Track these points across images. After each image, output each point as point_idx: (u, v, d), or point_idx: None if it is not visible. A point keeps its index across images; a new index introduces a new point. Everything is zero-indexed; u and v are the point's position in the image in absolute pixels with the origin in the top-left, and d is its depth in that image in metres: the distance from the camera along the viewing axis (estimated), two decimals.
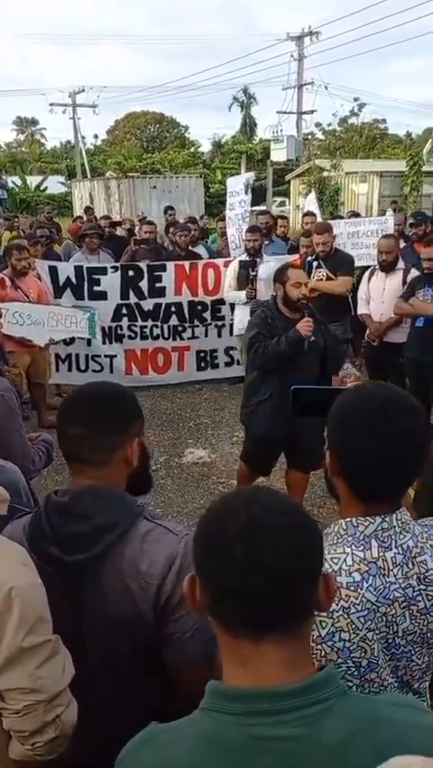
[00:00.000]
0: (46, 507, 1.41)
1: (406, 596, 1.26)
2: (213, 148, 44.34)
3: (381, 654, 1.26)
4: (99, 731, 0.92)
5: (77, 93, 33.49)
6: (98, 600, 1.36)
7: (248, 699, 0.85)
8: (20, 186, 30.02)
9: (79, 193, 21.35)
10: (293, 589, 0.88)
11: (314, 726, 0.84)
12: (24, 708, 1.19)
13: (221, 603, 0.89)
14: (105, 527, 1.36)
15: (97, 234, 7.83)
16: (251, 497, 0.92)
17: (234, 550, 0.87)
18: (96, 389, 1.54)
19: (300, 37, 27.27)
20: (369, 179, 17.86)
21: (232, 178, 8.86)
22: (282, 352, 3.74)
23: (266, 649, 0.87)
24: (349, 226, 7.58)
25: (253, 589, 0.86)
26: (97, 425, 1.42)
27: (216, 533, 0.90)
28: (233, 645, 0.89)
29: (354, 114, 31.33)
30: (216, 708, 0.87)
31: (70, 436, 1.42)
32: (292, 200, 20.69)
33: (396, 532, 1.27)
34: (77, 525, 1.36)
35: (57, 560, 1.34)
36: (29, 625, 1.20)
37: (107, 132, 56.67)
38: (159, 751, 0.88)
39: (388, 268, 5.68)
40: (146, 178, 19.54)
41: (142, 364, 7.24)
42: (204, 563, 0.91)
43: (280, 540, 0.87)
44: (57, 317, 6.22)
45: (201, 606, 0.93)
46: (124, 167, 31.10)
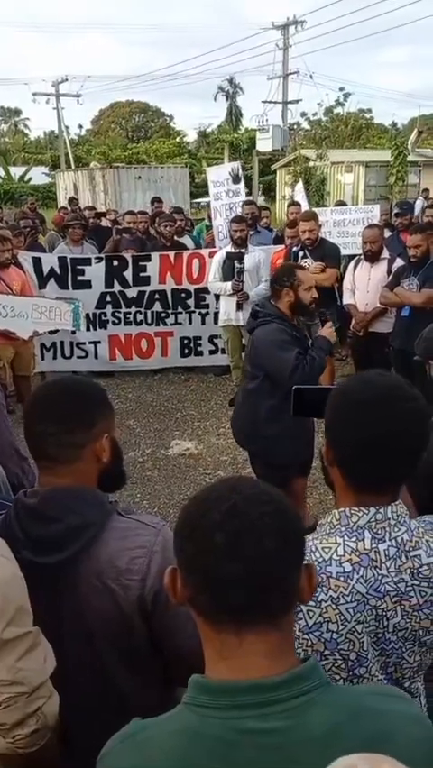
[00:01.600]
0: (16, 509, 1.38)
1: (398, 590, 1.24)
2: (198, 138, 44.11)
3: (370, 649, 1.25)
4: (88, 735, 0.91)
5: (60, 82, 33.15)
6: (78, 603, 1.34)
7: (231, 692, 0.85)
8: (3, 177, 29.70)
9: (64, 183, 21.12)
10: (275, 578, 0.87)
11: (298, 719, 0.83)
12: (5, 700, 1.18)
13: (203, 594, 0.88)
14: (78, 528, 1.33)
15: (81, 225, 7.78)
16: (233, 486, 0.91)
17: (215, 539, 0.86)
18: (62, 385, 1.50)
19: (285, 26, 27.16)
20: (355, 169, 17.83)
21: (213, 167, 8.80)
22: (323, 364, 3.46)
23: (248, 641, 0.86)
24: (335, 215, 7.59)
25: (234, 579, 0.85)
26: (64, 421, 1.38)
27: (197, 522, 0.89)
28: (215, 638, 0.88)
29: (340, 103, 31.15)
30: (198, 703, 0.86)
31: (37, 433, 1.38)
32: (278, 190, 20.62)
33: (390, 524, 1.25)
34: (49, 527, 1.33)
35: (30, 563, 1.31)
36: (9, 616, 1.19)
37: (92, 122, 56.23)
38: (141, 746, 0.88)
39: (373, 258, 5.70)
40: (131, 169, 19.38)
41: (126, 349, 7.31)
42: (185, 554, 0.90)
43: (261, 529, 0.86)
44: (41, 309, 6.15)
45: (182, 597, 0.92)
46: (108, 157, 30.82)
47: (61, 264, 6.96)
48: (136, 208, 10.70)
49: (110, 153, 32.69)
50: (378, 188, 17.70)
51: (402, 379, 1.35)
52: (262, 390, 3.56)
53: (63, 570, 1.33)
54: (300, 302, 3.49)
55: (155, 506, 4.67)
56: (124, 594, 1.33)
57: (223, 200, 7.30)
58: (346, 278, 5.94)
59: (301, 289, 3.48)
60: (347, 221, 7.39)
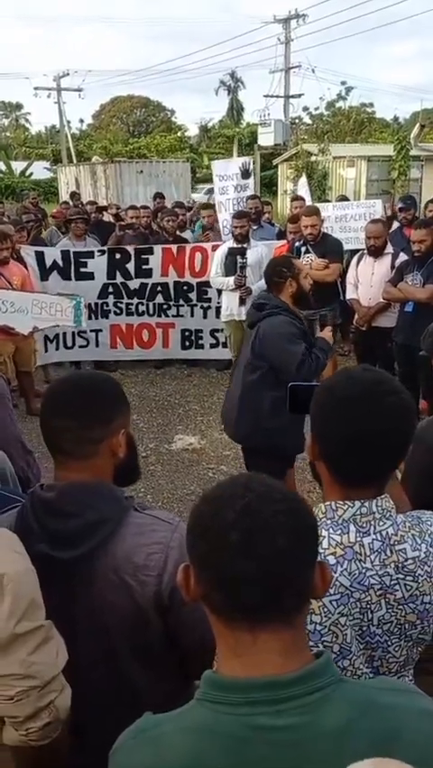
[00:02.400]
0: (32, 502, 1.38)
1: (383, 584, 1.24)
2: (200, 132, 44.00)
3: (354, 642, 1.25)
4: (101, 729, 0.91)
5: (61, 77, 33.04)
6: (93, 598, 1.34)
7: (245, 689, 0.85)
8: (4, 171, 29.66)
9: (65, 178, 21.11)
10: (289, 576, 0.87)
11: (312, 715, 0.83)
12: (18, 693, 1.18)
13: (217, 592, 0.88)
14: (95, 524, 1.33)
15: (83, 220, 7.76)
16: (245, 484, 0.91)
17: (230, 537, 0.86)
18: (79, 380, 1.50)
19: (287, 19, 27.02)
20: (357, 164, 17.78)
21: (220, 161, 8.76)
22: (325, 365, 3.46)
23: (262, 638, 0.86)
24: (337, 210, 7.57)
25: (249, 577, 0.85)
26: (83, 416, 1.38)
27: (210, 520, 0.89)
28: (228, 635, 0.89)
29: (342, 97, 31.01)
30: (212, 699, 0.86)
31: (55, 428, 1.38)
32: (280, 185, 20.57)
33: (375, 518, 1.26)
34: (66, 522, 1.33)
35: (47, 557, 1.31)
36: (21, 611, 1.19)
37: (93, 116, 56.09)
38: (153, 742, 0.88)
39: (376, 253, 5.69)
40: (133, 163, 19.34)
41: (127, 339, 7.35)
42: (198, 551, 0.90)
43: (275, 527, 0.87)
44: (41, 305, 6.12)
45: (195, 595, 0.92)
46: (110, 152, 30.80)
47: (64, 257, 6.97)
48: (138, 203, 10.70)
49: (111, 148, 32.66)
50: (380, 183, 17.65)
51: (387, 374, 1.36)
52: (264, 382, 3.56)
53: (79, 565, 1.33)
54: (303, 290, 3.55)
55: (159, 500, 4.67)
56: (140, 590, 1.33)
57: (230, 194, 7.29)
58: (350, 272, 5.93)
59: (301, 278, 3.56)
60: (349, 216, 7.37)
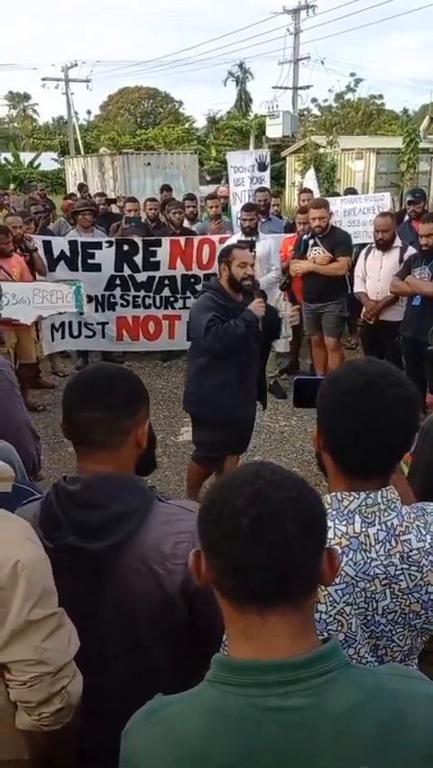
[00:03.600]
0: (57, 495, 1.39)
1: (387, 573, 1.26)
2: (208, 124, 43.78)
3: (359, 630, 1.27)
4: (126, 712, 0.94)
5: (69, 67, 32.94)
6: (120, 588, 1.36)
7: (255, 671, 0.87)
8: (12, 162, 29.61)
9: (73, 169, 21.06)
10: (299, 561, 0.89)
11: (320, 697, 0.85)
12: (31, 679, 1.21)
13: (227, 577, 0.90)
14: (123, 515, 1.36)
15: (90, 211, 7.74)
16: (256, 472, 0.93)
17: (241, 523, 0.88)
18: (105, 372, 1.52)
19: (297, 10, 26.84)
20: (365, 156, 17.67)
21: (236, 152, 8.74)
22: (241, 334, 3.72)
23: (272, 621, 0.89)
24: (345, 203, 7.55)
25: (259, 562, 0.87)
26: (113, 408, 1.41)
27: (222, 507, 0.91)
28: (238, 618, 0.91)
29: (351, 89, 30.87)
30: (222, 680, 0.88)
31: (83, 421, 1.40)
32: (288, 177, 20.48)
33: (380, 509, 1.28)
34: (92, 513, 1.36)
35: (76, 549, 1.33)
36: (35, 598, 1.21)
37: (100, 107, 55.86)
38: (165, 722, 0.90)
39: (384, 246, 5.67)
40: (140, 155, 19.27)
41: (134, 330, 7.34)
42: (210, 537, 0.92)
43: (284, 514, 0.89)
44: (42, 293, 6.16)
45: (206, 579, 0.95)
46: (117, 143, 30.68)
47: (72, 248, 6.96)
48: (145, 195, 10.66)
49: (119, 139, 32.51)
50: (389, 176, 17.55)
51: (392, 366, 1.38)
52: (193, 352, 3.98)
53: (108, 555, 1.35)
54: (233, 277, 3.83)
55: (165, 492, 4.68)
56: (168, 578, 1.35)
57: (245, 186, 7.28)
58: (358, 266, 5.90)
59: (234, 265, 3.83)
60: (358, 209, 7.34)
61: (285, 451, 5.39)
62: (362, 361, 1.39)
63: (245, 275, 3.83)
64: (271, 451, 5.39)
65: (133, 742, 0.92)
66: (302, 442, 5.49)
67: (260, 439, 5.52)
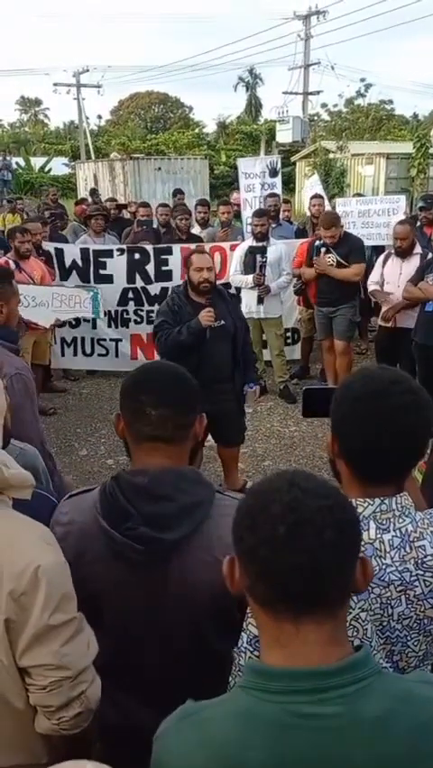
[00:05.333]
0: (120, 487, 1.42)
1: (402, 579, 1.27)
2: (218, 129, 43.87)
3: (374, 636, 1.27)
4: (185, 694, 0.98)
5: (81, 73, 33.07)
6: (187, 577, 1.39)
7: (289, 678, 0.88)
8: (23, 167, 29.79)
9: (84, 174, 21.19)
10: (334, 569, 0.90)
11: (353, 705, 0.86)
12: (50, 684, 1.22)
13: (263, 583, 0.91)
14: (191, 507, 1.40)
15: (103, 216, 7.78)
16: (291, 480, 0.95)
17: (277, 531, 0.89)
18: (167, 370, 1.57)
19: (307, 16, 26.86)
20: (375, 161, 17.68)
21: (247, 158, 8.75)
22: (182, 341, 3.81)
23: (306, 629, 0.90)
24: (360, 204, 7.52)
25: (294, 571, 0.88)
26: (180, 404, 1.48)
27: (257, 514, 0.92)
28: (273, 626, 0.92)
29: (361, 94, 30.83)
30: (256, 687, 0.89)
31: (156, 417, 1.44)
32: (298, 182, 20.50)
33: (395, 515, 1.28)
34: (164, 505, 1.39)
35: (151, 539, 1.37)
36: (55, 603, 1.22)
37: (111, 112, 56.07)
38: (199, 727, 0.91)
39: (404, 254, 5.63)
40: (151, 160, 19.38)
41: (148, 349, 7.12)
42: (245, 544, 0.93)
43: (321, 522, 0.90)
44: (61, 297, 6.24)
45: (240, 586, 0.96)
46: (128, 148, 30.80)
47: (83, 256, 6.92)
48: (156, 199, 10.70)
49: (130, 144, 32.65)
50: (399, 180, 17.54)
51: (405, 373, 1.39)
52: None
53: (180, 545, 1.39)
54: (191, 280, 3.98)
55: None
56: None
57: (256, 192, 7.28)
58: (375, 272, 5.83)
59: (191, 270, 3.98)
60: (372, 211, 7.29)
61: (295, 456, 5.38)
62: (375, 368, 1.40)
63: (201, 278, 3.95)
64: (282, 456, 5.38)
65: (167, 745, 0.93)
66: (312, 447, 5.48)
67: (270, 444, 5.52)
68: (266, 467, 5.09)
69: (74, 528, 1.46)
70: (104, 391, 6.89)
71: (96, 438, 5.72)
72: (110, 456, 5.32)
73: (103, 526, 1.39)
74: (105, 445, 5.55)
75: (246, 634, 1.28)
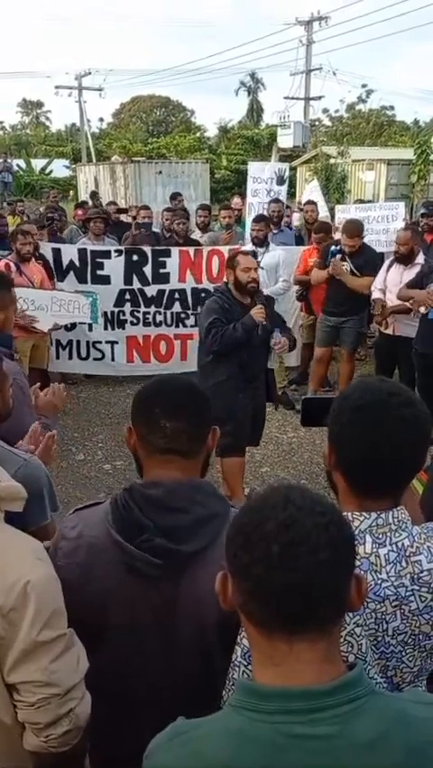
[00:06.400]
0: (134, 499, 1.40)
1: (398, 594, 1.25)
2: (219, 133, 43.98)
3: (369, 652, 1.26)
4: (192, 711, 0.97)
5: (83, 76, 33.15)
6: (199, 591, 1.37)
7: (281, 697, 0.87)
8: (24, 169, 29.85)
9: (84, 177, 21.22)
10: (329, 588, 0.89)
11: (347, 725, 0.85)
12: (39, 701, 1.20)
13: (256, 602, 0.90)
14: (206, 519, 1.39)
15: (102, 219, 7.76)
16: (286, 496, 0.93)
17: (271, 549, 0.88)
18: (182, 383, 1.56)
19: (309, 22, 26.93)
20: (376, 167, 17.73)
21: (257, 163, 8.77)
22: (238, 337, 3.96)
23: (299, 648, 0.88)
24: (360, 212, 7.53)
25: (288, 590, 0.87)
26: (197, 417, 1.48)
27: (251, 531, 0.91)
28: (265, 645, 0.90)
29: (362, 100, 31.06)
30: (247, 706, 0.88)
31: (171, 430, 1.43)
32: (298, 187, 20.54)
33: (391, 529, 1.27)
34: (179, 517, 1.38)
35: (166, 551, 1.35)
36: (44, 619, 1.20)
37: (113, 115, 56.28)
38: (188, 745, 0.90)
39: (403, 260, 5.60)
40: (152, 163, 19.38)
41: (144, 352, 7.16)
42: (239, 562, 0.92)
43: (316, 541, 0.88)
44: (60, 302, 6.23)
45: (232, 603, 0.94)
46: (129, 151, 30.87)
47: (81, 257, 6.87)
48: (157, 203, 10.70)
49: (131, 147, 32.73)
50: (399, 187, 17.58)
51: (403, 385, 1.37)
52: (200, 351, 4.22)
53: (196, 557, 1.37)
54: (238, 280, 4.06)
55: None
56: None
57: (261, 198, 7.28)
58: (378, 278, 5.80)
59: (239, 270, 4.07)
60: (372, 218, 7.29)
61: (293, 462, 5.37)
62: (373, 380, 1.39)
63: (249, 278, 4.06)
64: (279, 462, 5.37)
65: (158, 762, 0.91)
66: (310, 454, 5.47)
67: (268, 450, 5.50)
68: (264, 473, 5.08)
69: (83, 542, 1.43)
70: (102, 395, 6.88)
71: (94, 443, 5.70)
72: (107, 461, 5.30)
73: (116, 539, 1.37)
74: (102, 450, 5.53)
75: (240, 647, 1.26)
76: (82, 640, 1.32)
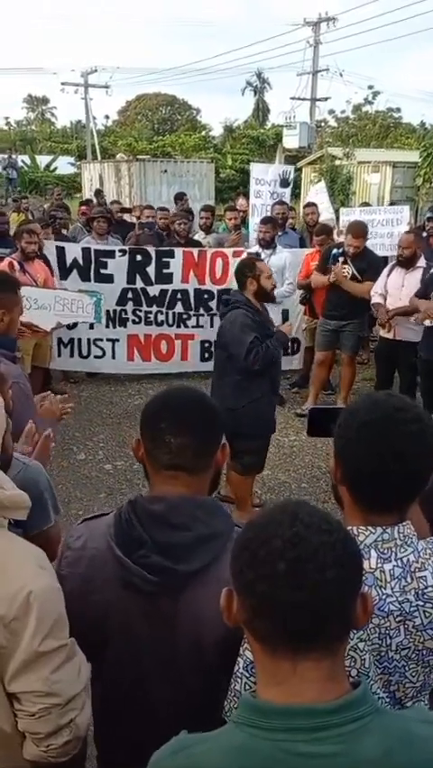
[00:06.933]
0: (136, 513, 1.38)
1: (402, 610, 1.25)
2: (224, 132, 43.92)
3: (372, 667, 1.26)
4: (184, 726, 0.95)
5: (89, 73, 33.10)
6: (198, 611, 1.35)
7: (285, 715, 0.86)
8: (29, 165, 29.84)
9: (89, 175, 21.21)
10: (335, 606, 0.89)
11: (351, 744, 0.85)
12: (40, 710, 1.20)
13: (261, 619, 0.90)
14: (207, 538, 1.36)
15: (105, 219, 7.76)
16: (293, 513, 0.93)
17: (277, 567, 0.88)
18: (190, 397, 1.51)
19: (317, 23, 26.87)
20: (381, 169, 17.69)
21: (260, 164, 8.76)
22: (276, 355, 3.99)
23: (304, 667, 0.88)
24: (364, 215, 7.51)
25: (295, 607, 0.87)
26: (204, 432, 1.43)
27: (258, 549, 0.91)
28: (270, 662, 0.90)
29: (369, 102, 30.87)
30: (250, 723, 0.88)
31: (176, 446, 1.40)
32: (303, 188, 20.52)
33: (397, 545, 1.27)
34: (179, 535, 1.35)
35: (163, 569, 1.33)
36: (46, 629, 1.20)
37: (118, 112, 56.17)
38: (191, 760, 0.89)
39: (406, 264, 5.57)
40: (157, 162, 19.38)
41: (145, 351, 7.20)
42: (244, 579, 0.91)
43: (323, 559, 0.88)
44: (63, 301, 6.22)
45: (236, 620, 0.94)
46: (134, 148, 30.83)
47: (85, 256, 6.90)
48: (161, 202, 10.69)
49: (136, 145, 32.67)
50: (405, 189, 17.54)
51: (411, 401, 1.37)
52: (226, 369, 4.02)
53: (193, 577, 1.34)
54: (263, 289, 3.98)
55: None
56: None
57: (264, 200, 7.26)
58: (378, 282, 5.76)
59: (263, 278, 3.98)
60: (376, 221, 7.27)
61: (294, 465, 5.36)
62: (381, 395, 1.39)
63: (272, 285, 4.05)
64: (280, 465, 5.36)
65: None
66: (312, 457, 5.46)
67: (269, 453, 5.47)
68: (265, 476, 5.07)
69: (86, 554, 1.42)
70: (103, 395, 6.87)
71: (95, 443, 5.70)
72: (108, 461, 5.30)
73: (116, 553, 1.35)
74: (103, 450, 5.53)
75: (243, 659, 1.26)
76: (83, 650, 1.31)
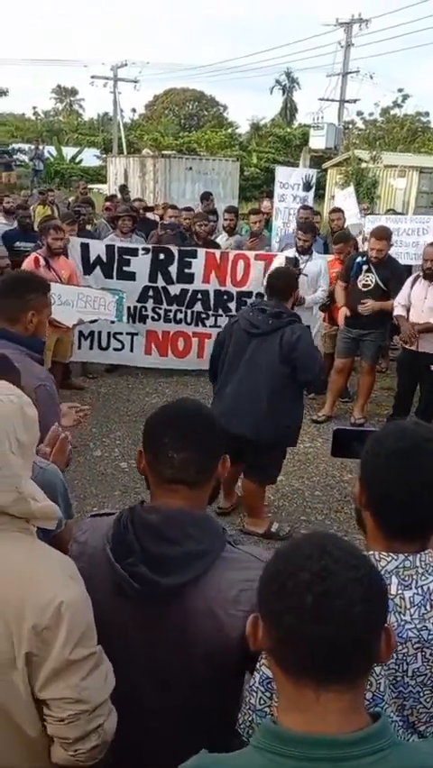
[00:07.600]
0: (132, 521, 1.40)
1: (421, 637, 1.27)
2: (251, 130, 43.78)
3: (387, 691, 1.28)
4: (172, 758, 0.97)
5: (119, 67, 33.20)
6: (184, 625, 1.37)
7: (305, 744, 0.88)
8: (55, 156, 29.98)
9: (114, 169, 21.24)
10: (361, 641, 0.90)
11: None
12: (69, 716, 1.24)
13: (286, 649, 0.91)
14: (196, 554, 1.36)
15: (131, 217, 7.80)
16: (322, 546, 0.94)
17: (305, 600, 0.89)
18: (194, 412, 1.51)
19: (350, 23, 26.70)
20: (408, 174, 17.58)
21: (284, 168, 8.76)
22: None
23: (327, 698, 0.89)
24: (389, 223, 7.44)
25: (320, 641, 0.88)
26: (206, 448, 1.44)
27: (286, 579, 0.92)
28: (292, 690, 0.92)
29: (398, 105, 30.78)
30: (270, 749, 0.89)
31: (178, 461, 1.41)
32: (328, 189, 20.41)
33: (418, 573, 1.29)
34: (167, 548, 1.36)
35: (147, 580, 1.34)
36: (76, 638, 1.24)
37: (146, 106, 56.19)
38: None
39: (431, 276, 5.46)
40: (182, 159, 19.34)
41: (162, 346, 7.29)
42: (271, 609, 0.93)
43: (351, 594, 0.90)
44: (86, 298, 6.28)
45: (261, 646, 0.96)
46: (160, 143, 30.85)
47: (108, 253, 6.95)
48: (185, 199, 10.70)
49: (162, 140, 32.70)
50: (430, 195, 17.42)
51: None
52: (289, 383, 3.98)
53: (176, 591, 1.35)
54: (299, 301, 4.28)
55: None
56: (229, 623, 1.35)
57: (287, 203, 7.26)
58: (401, 294, 5.66)
59: (298, 291, 4.17)
60: (402, 230, 7.21)
61: (308, 473, 5.38)
62: (409, 424, 1.41)
63: None
64: (295, 472, 5.38)
65: None
66: (326, 465, 5.47)
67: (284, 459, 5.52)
68: (279, 482, 5.08)
69: (87, 550, 1.46)
70: (121, 392, 6.93)
71: (111, 440, 5.75)
72: (124, 459, 5.35)
73: (108, 556, 1.38)
74: (119, 448, 5.58)
75: (259, 674, 1.28)
76: None
